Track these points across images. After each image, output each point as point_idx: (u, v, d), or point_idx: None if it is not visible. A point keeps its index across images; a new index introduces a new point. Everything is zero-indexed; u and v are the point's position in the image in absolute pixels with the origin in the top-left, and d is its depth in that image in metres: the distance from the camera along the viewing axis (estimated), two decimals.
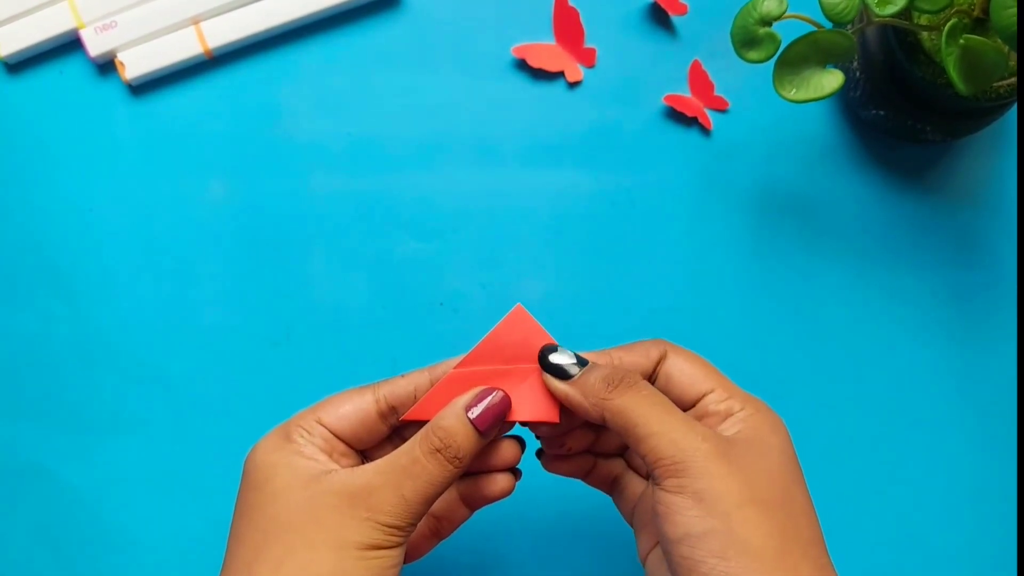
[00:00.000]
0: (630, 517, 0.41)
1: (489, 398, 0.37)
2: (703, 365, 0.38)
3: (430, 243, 0.52)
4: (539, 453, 0.41)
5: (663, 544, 0.34)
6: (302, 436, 0.37)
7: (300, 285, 0.52)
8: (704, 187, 0.53)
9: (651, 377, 0.39)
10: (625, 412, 0.35)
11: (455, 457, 0.36)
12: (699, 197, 0.53)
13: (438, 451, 0.35)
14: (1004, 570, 0.52)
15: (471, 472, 0.40)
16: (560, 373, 0.37)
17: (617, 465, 0.42)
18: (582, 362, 0.38)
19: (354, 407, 0.38)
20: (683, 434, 0.34)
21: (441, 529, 0.41)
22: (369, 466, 0.36)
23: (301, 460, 0.36)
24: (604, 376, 0.36)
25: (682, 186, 0.53)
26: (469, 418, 0.36)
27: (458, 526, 0.41)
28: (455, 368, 0.38)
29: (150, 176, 0.52)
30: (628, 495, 0.41)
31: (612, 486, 0.42)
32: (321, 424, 0.37)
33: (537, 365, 0.38)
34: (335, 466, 0.36)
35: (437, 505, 0.40)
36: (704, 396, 0.37)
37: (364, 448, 0.39)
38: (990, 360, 0.53)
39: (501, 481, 0.40)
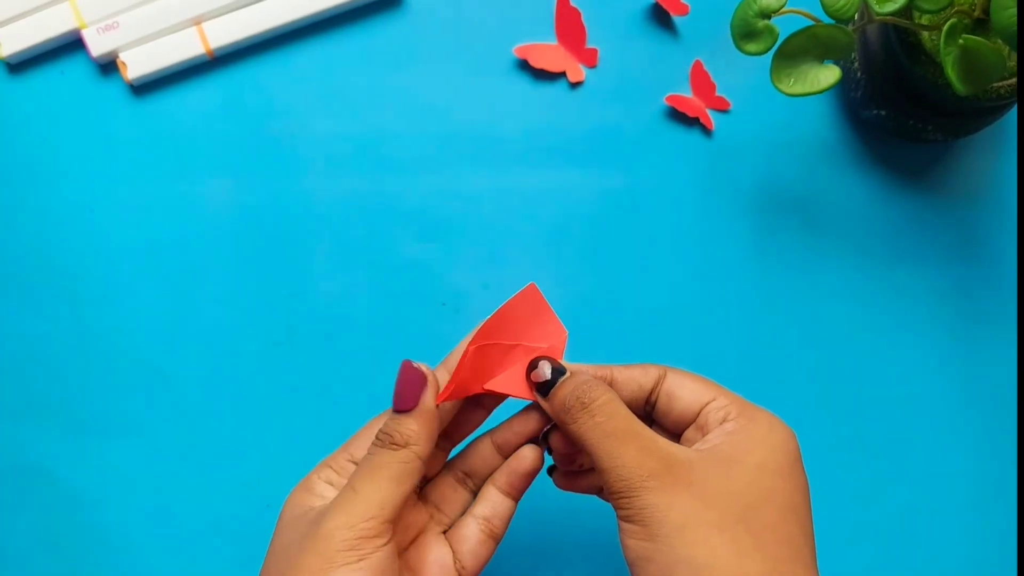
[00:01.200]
0: None
1: (398, 376, 0.37)
2: (705, 380, 0.39)
3: (432, 243, 0.52)
4: (550, 471, 0.41)
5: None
6: (325, 477, 0.38)
7: (301, 285, 0.52)
8: (706, 187, 0.53)
9: (651, 396, 0.39)
10: (581, 440, 0.36)
11: (391, 443, 0.36)
12: (701, 197, 0.53)
13: (374, 442, 0.36)
14: (1004, 570, 0.52)
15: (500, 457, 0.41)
16: (541, 388, 0.38)
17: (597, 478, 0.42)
18: (560, 372, 0.38)
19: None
20: (632, 465, 0.34)
21: (494, 528, 0.40)
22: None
23: (306, 498, 0.37)
24: (564, 397, 0.36)
25: (684, 186, 0.53)
26: (393, 407, 0.37)
27: (508, 522, 0.40)
28: (471, 345, 0.38)
29: (151, 176, 0.52)
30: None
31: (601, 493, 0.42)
32: (352, 461, 0.38)
33: (543, 344, 0.39)
34: None
35: (483, 506, 0.40)
36: (706, 405, 0.38)
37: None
38: (991, 358, 0.53)
39: (528, 454, 0.40)
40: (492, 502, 0.40)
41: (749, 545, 0.33)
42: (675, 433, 0.39)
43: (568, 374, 0.37)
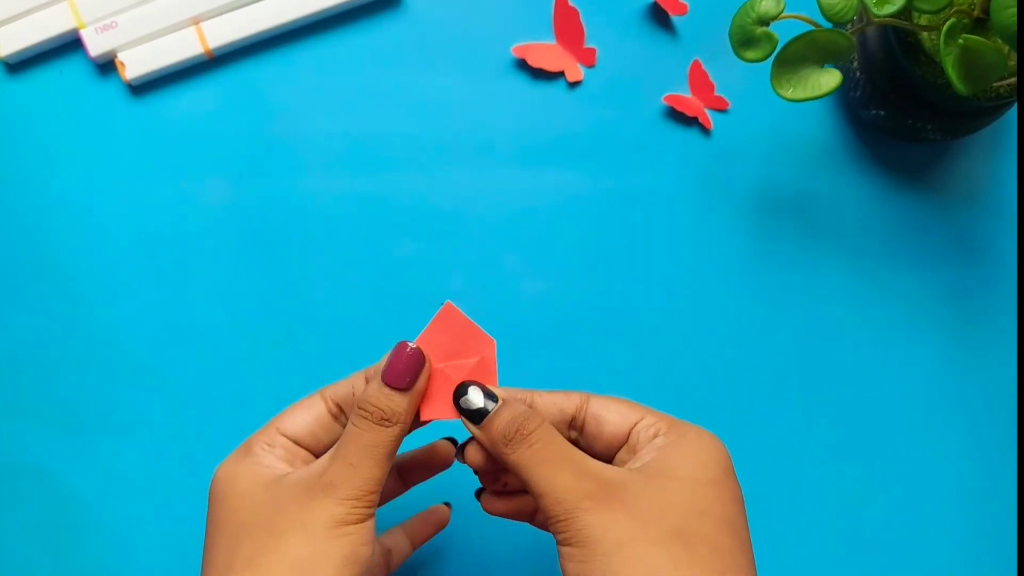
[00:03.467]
0: None
1: (394, 354, 0.38)
2: (630, 403, 0.39)
3: (430, 243, 0.52)
4: (478, 493, 0.41)
5: None
6: (262, 448, 0.38)
7: (300, 285, 0.52)
8: (704, 187, 0.53)
9: (576, 421, 0.39)
10: (520, 470, 0.36)
11: (382, 419, 0.36)
12: (699, 197, 0.53)
13: (365, 418, 0.36)
14: (1004, 570, 0.52)
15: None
16: (472, 416, 0.37)
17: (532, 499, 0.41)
18: (492, 399, 0.37)
19: (309, 413, 0.39)
20: (568, 488, 0.34)
21: (391, 560, 0.44)
22: (321, 457, 0.37)
23: (260, 468, 0.37)
24: (503, 427, 0.36)
25: (682, 186, 0.53)
26: (384, 381, 0.37)
27: (404, 560, 0.44)
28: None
29: (150, 176, 0.52)
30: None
31: (534, 517, 0.42)
32: (281, 434, 0.39)
33: (473, 359, 0.39)
34: (293, 470, 0.38)
35: (388, 539, 0.44)
36: (635, 426, 0.38)
37: (321, 452, 0.40)
38: (990, 359, 0.53)
39: (438, 512, 0.45)
40: (395, 538, 0.44)
41: (685, 560, 0.33)
42: (606, 457, 0.39)
43: (501, 403, 0.37)
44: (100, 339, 0.52)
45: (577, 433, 0.39)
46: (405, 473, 0.44)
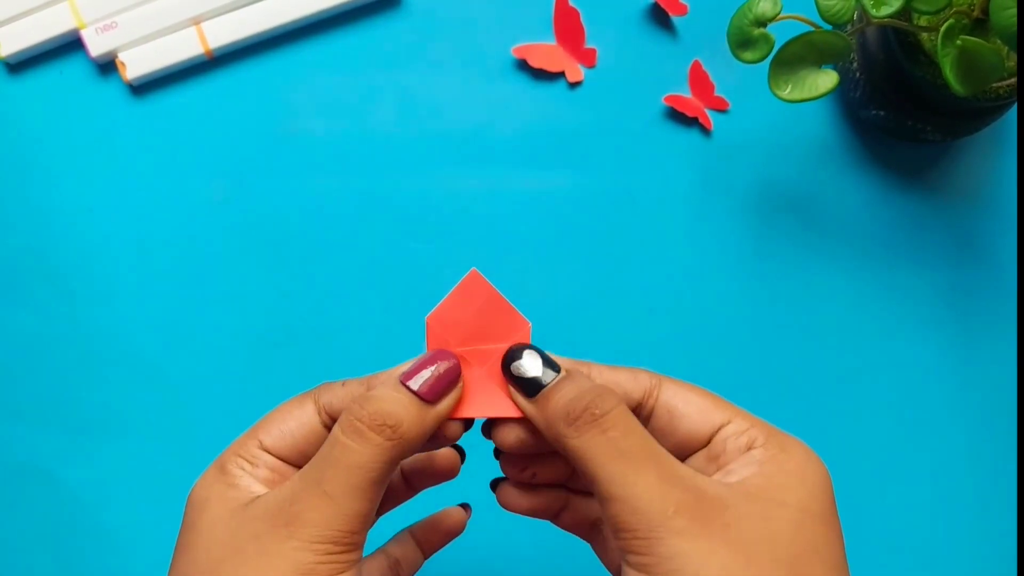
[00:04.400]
0: (617, 570, 0.32)
1: (434, 366, 0.30)
2: (712, 395, 0.32)
3: (431, 243, 0.52)
4: (494, 484, 0.34)
5: None
6: (240, 467, 0.31)
7: (300, 285, 0.52)
8: (704, 187, 0.53)
9: (643, 409, 0.32)
10: (585, 459, 0.28)
11: (382, 427, 0.28)
12: (699, 197, 0.53)
13: (357, 424, 0.29)
14: (1004, 570, 0.52)
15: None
16: (526, 387, 0.30)
17: (597, 506, 0.33)
18: (553, 368, 0.30)
19: (297, 423, 0.32)
20: (653, 496, 0.27)
21: (400, 572, 0.36)
22: (295, 475, 0.30)
23: (231, 492, 0.30)
24: (568, 403, 0.29)
25: (682, 186, 0.53)
26: (410, 387, 0.30)
27: (415, 571, 0.36)
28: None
29: (150, 176, 0.52)
30: (612, 545, 0.34)
31: (591, 531, 0.35)
32: (264, 449, 0.32)
33: (503, 345, 0.32)
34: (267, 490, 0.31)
35: (394, 548, 0.36)
36: (720, 428, 0.31)
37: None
38: (990, 358, 0.53)
39: (454, 515, 0.36)
40: (404, 548, 0.36)
41: None
42: (677, 458, 0.30)
43: (564, 373, 0.30)
44: (100, 339, 0.52)
45: (642, 423, 0.31)
46: (410, 476, 0.36)
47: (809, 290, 0.53)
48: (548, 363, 0.31)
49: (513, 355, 0.31)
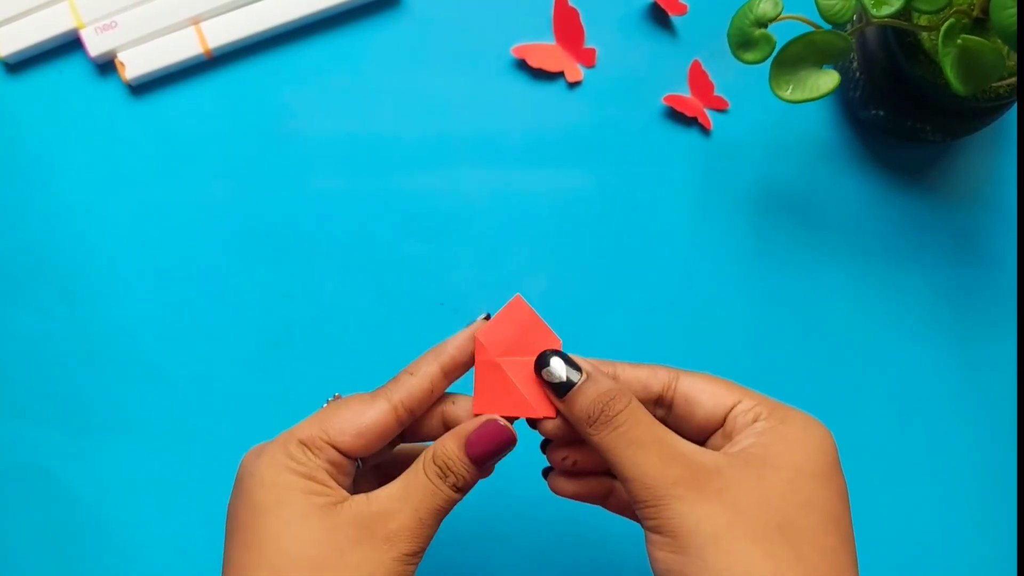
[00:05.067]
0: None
1: (489, 432, 0.35)
2: (725, 381, 0.36)
3: (430, 243, 0.52)
4: (545, 472, 0.39)
5: None
6: (305, 454, 0.34)
7: (300, 285, 0.52)
8: (704, 187, 0.53)
9: (664, 401, 0.37)
10: (605, 452, 0.34)
11: (454, 485, 0.35)
12: (699, 197, 0.53)
13: (445, 476, 0.34)
14: (1004, 570, 0.52)
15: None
16: (556, 389, 0.35)
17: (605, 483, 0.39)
18: (576, 369, 0.35)
19: (373, 422, 0.35)
20: (657, 472, 0.32)
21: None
22: (381, 492, 0.34)
23: (313, 486, 0.34)
24: (588, 406, 0.34)
25: (682, 186, 0.53)
26: (469, 455, 0.35)
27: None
28: (480, 357, 0.37)
29: (150, 176, 0.52)
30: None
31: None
32: (332, 444, 0.35)
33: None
34: (343, 492, 0.35)
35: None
36: (732, 408, 0.35)
37: (367, 455, 0.36)
38: (990, 358, 0.53)
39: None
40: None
41: (787, 557, 0.31)
42: (699, 440, 0.36)
43: (586, 377, 0.35)
44: (100, 338, 0.52)
45: (665, 411, 0.37)
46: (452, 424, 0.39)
47: (809, 290, 0.53)
48: (572, 366, 0.35)
49: (542, 361, 0.36)
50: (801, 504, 0.32)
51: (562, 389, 0.35)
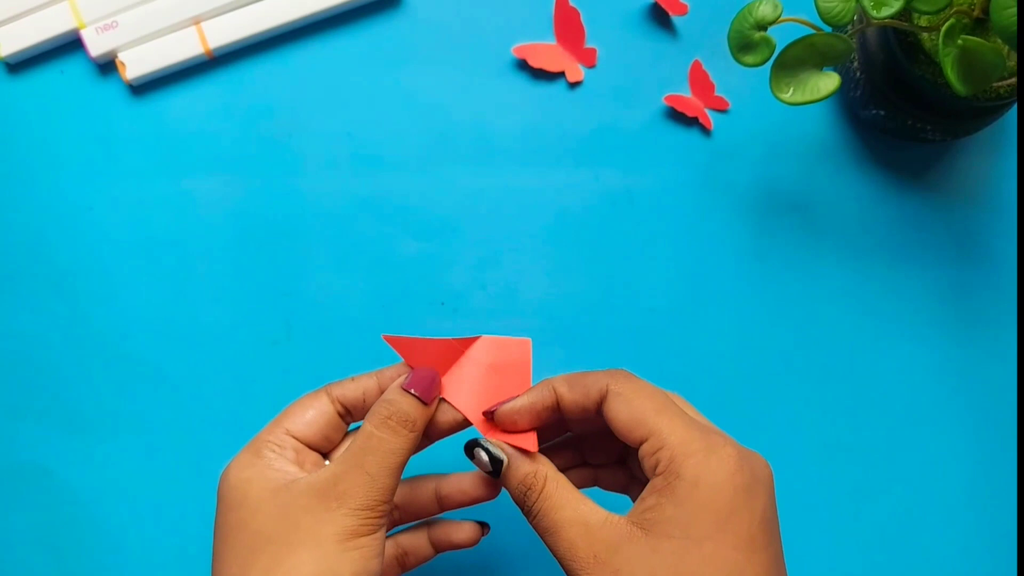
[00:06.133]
0: None
1: (420, 373, 0.38)
2: (641, 404, 0.36)
3: (430, 243, 0.52)
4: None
5: None
6: (272, 451, 0.38)
7: (300, 284, 0.52)
8: (704, 187, 0.53)
9: (599, 419, 0.37)
10: (539, 532, 0.36)
11: (406, 422, 0.36)
12: (699, 197, 0.53)
13: (388, 420, 0.36)
14: (1004, 570, 0.52)
15: (438, 518, 0.42)
16: (491, 474, 0.38)
17: (621, 475, 0.41)
18: (497, 461, 0.37)
19: (317, 412, 0.39)
20: (569, 555, 0.34)
21: (406, 562, 0.42)
22: (332, 462, 0.37)
23: (272, 472, 0.37)
24: (513, 489, 0.37)
25: (682, 186, 0.53)
26: (410, 391, 0.37)
27: (422, 563, 0.42)
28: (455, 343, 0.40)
29: (150, 175, 0.52)
30: None
31: (630, 486, 0.41)
32: (290, 435, 0.38)
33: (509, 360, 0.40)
34: (302, 473, 0.37)
35: (406, 539, 0.42)
36: (642, 445, 0.35)
37: (330, 451, 0.40)
38: (990, 358, 0.53)
39: (467, 530, 0.42)
40: (416, 542, 0.42)
41: None
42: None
43: (506, 462, 0.37)
44: (100, 338, 0.52)
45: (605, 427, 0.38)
46: (444, 498, 0.42)
47: (809, 290, 0.53)
48: (491, 455, 0.37)
49: (469, 450, 0.38)
50: (692, 572, 0.33)
51: (496, 471, 0.37)
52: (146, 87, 0.53)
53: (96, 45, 0.51)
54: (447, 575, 0.50)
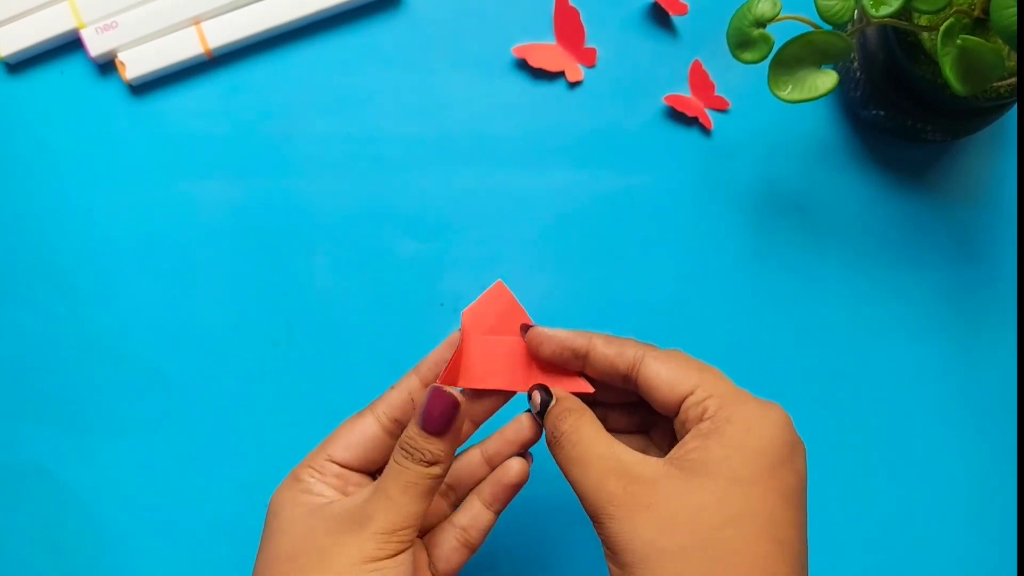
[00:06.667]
0: None
1: (429, 399, 0.36)
2: (684, 364, 0.36)
3: (430, 243, 0.52)
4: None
5: None
6: (311, 476, 0.38)
7: (300, 285, 0.52)
8: (704, 187, 0.53)
9: (630, 382, 0.37)
10: (562, 471, 0.36)
11: (423, 460, 0.36)
12: (699, 197, 0.53)
13: (407, 457, 0.36)
14: (1004, 570, 0.52)
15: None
16: (539, 415, 0.39)
17: (637, 442, 0.41)
18: (546, 400, 0.38)
19: (361, 435, 0.39)
20: (595, 488, 0.34)
21: (470, 539, 0.41)
22: (364, 488, 0.37)
23: (307, 497, 0.37)
24: (547, 429, 0.37)
25: (682, 186, 0.53)
26: (422, 429, 0.36)
27: (486, 533, 0.41)
28: (464, 337, 0.40)
29: (150, 176, 0.52)
30: None
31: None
32: (332, 460, 0.38)
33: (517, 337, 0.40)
34: (338, 496, 0.38)
35: (463, 515, 0.41)
36: (685, 399, 0.35)
37: (380, 469, 0.39)
38: (990, 358, 0.53)
39: (514, 466, 0.40)
40: (472, 512, 0.41)
41: (711, 574, 0.31)
42: (673, 416, 0.37)
43: (553, 401, 0.38)
44: (100, 339, 0.52)
45: (635, 389, 0.38)
46: (491, 457, 0.42)
47: (809, 290, 0.53)
48: (543, 399, 0.38)
49: (528, 393, 0.39)
50: (732, 516, 0.32)
51: (543, 411, 0.38)
52: (146, 87, 0.53)
53: (96, 45, 0.51)
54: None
